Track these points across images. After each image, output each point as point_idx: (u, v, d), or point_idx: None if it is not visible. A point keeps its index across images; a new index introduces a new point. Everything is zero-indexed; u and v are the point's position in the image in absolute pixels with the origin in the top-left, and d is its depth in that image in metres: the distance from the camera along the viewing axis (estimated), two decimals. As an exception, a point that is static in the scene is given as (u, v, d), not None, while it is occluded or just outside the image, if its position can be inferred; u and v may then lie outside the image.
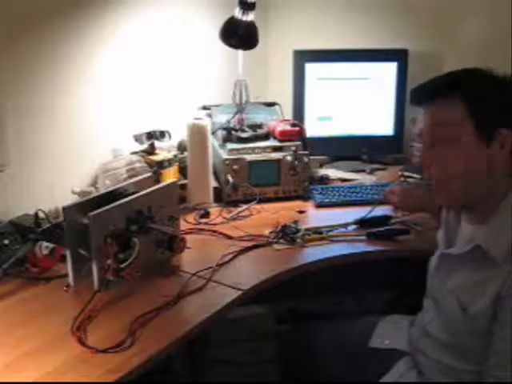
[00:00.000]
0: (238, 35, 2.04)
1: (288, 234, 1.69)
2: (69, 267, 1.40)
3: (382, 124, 2.37)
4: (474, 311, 1.16)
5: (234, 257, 1.59)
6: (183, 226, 1.73)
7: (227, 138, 2.07)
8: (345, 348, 1.41)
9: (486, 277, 1.15)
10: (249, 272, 1.54)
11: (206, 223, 1.82)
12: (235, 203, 1.95)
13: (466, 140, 1.15)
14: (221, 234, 1.74)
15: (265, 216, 1.88)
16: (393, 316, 1.56)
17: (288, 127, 2.08)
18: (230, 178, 1.95)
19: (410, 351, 1.40)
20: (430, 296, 1.36)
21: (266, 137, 2.08)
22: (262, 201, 1.96)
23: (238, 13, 2.00)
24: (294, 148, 2.02)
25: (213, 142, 2.03)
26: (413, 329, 1.42)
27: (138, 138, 1.97)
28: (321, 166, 2.33)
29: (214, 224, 1.82)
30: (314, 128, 2.24)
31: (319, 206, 1.97)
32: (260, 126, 2.13)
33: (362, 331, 1.53)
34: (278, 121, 2.15)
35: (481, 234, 1.19)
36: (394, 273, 1.95)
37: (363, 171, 2.30)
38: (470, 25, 2.24)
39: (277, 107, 2.30)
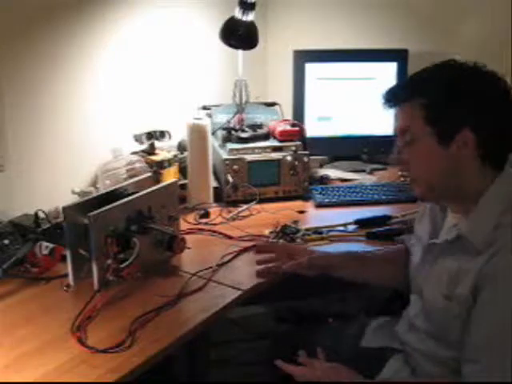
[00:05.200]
0: (238, 35, 2.04)
1: (288, 234, 1.69)
2: (69, 267, 1.40)
3: (382, 124, 2.36)
4: (455, 299, 1.18)
5: (234, 257, 1.60)
6: (183, 226, 1.73)
7: (227, 138, 2.07)
8: (339, 349, 1.41)
9: (466, 266, 1.17)
10: (249, 272, 1.53)
11: (205, 223, 1.82)
12: (235, 203, 1.95)
13: (425, 143, 1.20)
14: (221, 233, 1.74)
15: (265, 216, 1.88)
16: (383, 318, 1.56)
17: (288, 127, 2.08)
18: (230, 178, 1.95)
19: (401, 348, 1.41)
20: (415, 290, 1.37)
21: (266, 137, 2.08)
22: (262, 201, 1.96)
23: (238, 13, 2.00)
24: (294, 148, 2.02)
25: (213, 142, 2.03)
26: (399, 323, 1.43)
27: (137, 138, 1.97)
28: (321, 166, 2.33)
29: (214, 224, 1.82)
30: (313, 128, 2.23)
31: (319, 205, 1.97)
32: (260, 126, 2.13)
33: (355, 332, 1.53)
34: (278, 121, 2.15)
35: (463, 223, 1.22)
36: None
37: (363, 171, 2.30)
38: (470, 25, 2.24)
39: (277, 107, 2.30)
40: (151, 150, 1.97)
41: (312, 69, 2.27)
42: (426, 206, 1.40)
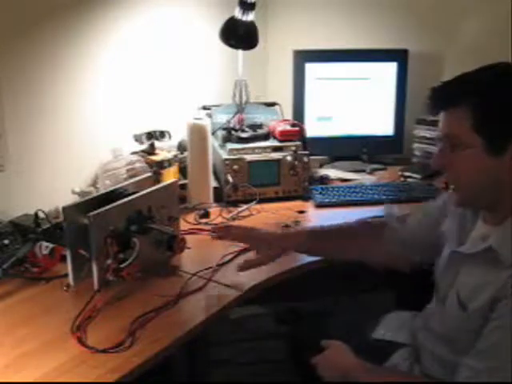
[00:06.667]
0: (238, 35, 2.04)
1: (288, 234, 1.69)
2: (69, 267, 1.40)
3: (382, 124, 2.37)
4: (472, 310, 1.17)
5: (234, 257, 1.60)
6: (183, 226, 1.73)
7: (227, 138, 2.07)
8: (346, 341, 1.41)
9: (489, 278, 1.15)
10: (249, 272, 1.53)
11: (206, 223, 1.82)
12: (235, 203, 1.95)
13: (473, 151, 1.15)
14: (221, 233, 1.74)
15: (265, 216, 1.88)
16: (397, 312, 1.57)
17: (288, 127, 2.08)
18: (230, 178, 1.95)
19: (410, 343, 1.41)
20: (438, 290, 1.36)
21: (266, 137, 2.08)
22: (262, 201, 1.96)
23: (237, 13, 2.00)
24: (294, 148, 2.02)
25: (213, 142, 2.03)
26: (416, 319, 1.44)
27: (137, 138, 1.97)
28: (321, 166, 2.33)
29: (214, 224, 1.81)
30: (313, 128, 2.24)
31: (319, 206, 1.97)
32: (260, 126, 2.13)
33: (364, 326, 1.54)
34: (278, 121, 2.15)
35: (494, 235, 1.18)
36: (394, 273, 1.95)
37: (363, 171, 2.30)
38: (470, 25, 2.24)
39: (277, 107, 2.30)
40: (151, 150, 1.97)
41: (312, 69, 2.27)
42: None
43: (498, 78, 1.16)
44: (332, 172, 2.26)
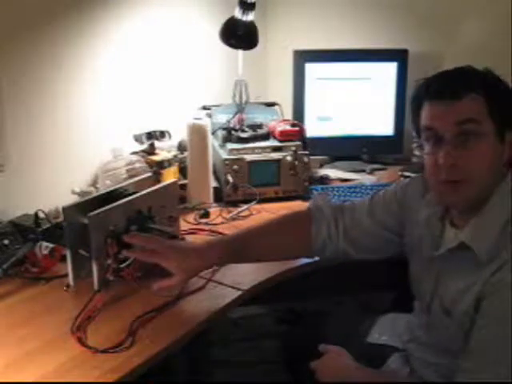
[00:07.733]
0: (238, 35, 2.04)
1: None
2: (69, 267, 1.40)
3: (382, 124, 2.37)
4: (457, 314, 1.16)
5: (234, 257, 1.59)
6: (183, 226, 1.73)
7: (227, 138, 2.07)
8: (343, 344, 1.41)
9: (470, 280, 1.14)
10: (249, 272, 1.53)
11: (206, 223, 1.82)
12: (235, 203, 1.95)
13: (489, 138, 1.13)
14: (221, 234, 1.73)
15: (265, 216, 1.88)
16: (392, 314, 1.57)
17: (288, 127, 2.08)
18: (230, 178, 1.95)
19: (402, 347, 1.42)
20: (419, 300, 1.36)
21: (266, 137, 2.08)
22: (262, 201, 1.96)
23: (237, 13, 2.01)
24: (294, 148, 2.02)
25: (213, 142, 2.03)
26: (403, 331, 1.44)
27: (137, 138, 1.97)
28: (321, 166, 2.33)
29: (214, 224, 1.82)
30: (313, 128, 2.23)
31: (319, 206, 1.97)
32: (260, 126, 2.13)
33: (360, 328, 1.54)
34: (278, 121, 2.15)
35: (465, 232, 1.17)
36: (394, 273, 1.95)
37: (363, 171, 2.30)
38: (470, 25, 2.24)
39: (277, 107, 2.30)
40: (151, 150, 1.97)
41: (312, 69, 2.27)
42: (423, 213, 1.30)
43: (488, 71, 1.18)
44: (332, 172, 2.26)
